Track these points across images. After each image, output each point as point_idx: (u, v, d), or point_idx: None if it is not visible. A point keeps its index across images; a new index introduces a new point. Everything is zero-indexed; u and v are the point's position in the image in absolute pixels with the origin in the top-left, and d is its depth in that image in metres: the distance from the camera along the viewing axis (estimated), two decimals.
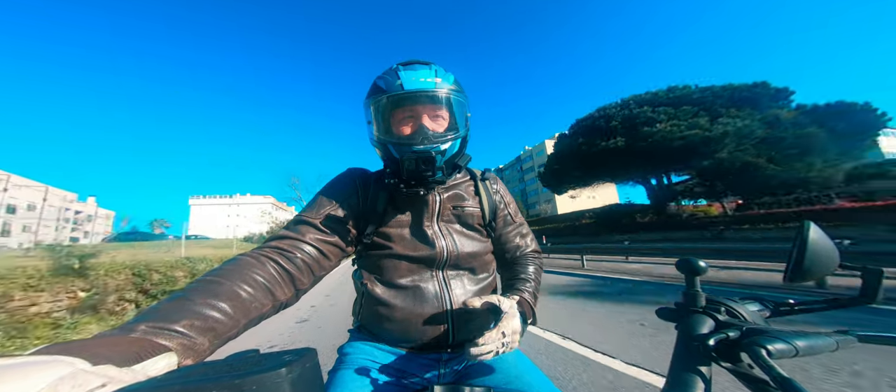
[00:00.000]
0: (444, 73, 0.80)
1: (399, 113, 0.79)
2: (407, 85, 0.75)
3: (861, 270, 0.50)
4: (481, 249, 0.87)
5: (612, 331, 3.55)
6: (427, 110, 0.78)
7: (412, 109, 0.78)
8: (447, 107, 0.81)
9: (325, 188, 0.83)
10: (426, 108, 0.78)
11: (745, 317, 0.50)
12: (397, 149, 0.76)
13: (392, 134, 0.79)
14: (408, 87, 0.75)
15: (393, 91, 0.76)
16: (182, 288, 0.53)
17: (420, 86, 0.76)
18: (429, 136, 0.76)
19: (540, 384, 0.72)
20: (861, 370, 2.27)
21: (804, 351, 0.37)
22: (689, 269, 0.49)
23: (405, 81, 0.76)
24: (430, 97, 0.77)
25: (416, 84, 0.76)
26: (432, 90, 0.77)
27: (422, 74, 0.77)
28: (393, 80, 0.77)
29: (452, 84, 0.80)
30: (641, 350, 2.88)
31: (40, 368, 0.25)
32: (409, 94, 0.76)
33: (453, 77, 0.82)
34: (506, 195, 0.97)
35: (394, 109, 0.79)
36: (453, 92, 0.80)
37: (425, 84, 0.76)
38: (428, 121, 0.78)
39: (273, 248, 0.68)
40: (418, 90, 0.76)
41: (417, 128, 0.78)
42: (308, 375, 0.26)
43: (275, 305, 0.63)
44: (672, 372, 0.43)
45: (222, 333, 0.50)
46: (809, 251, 0.49)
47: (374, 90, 0.79)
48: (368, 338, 0.83)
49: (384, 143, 0.78)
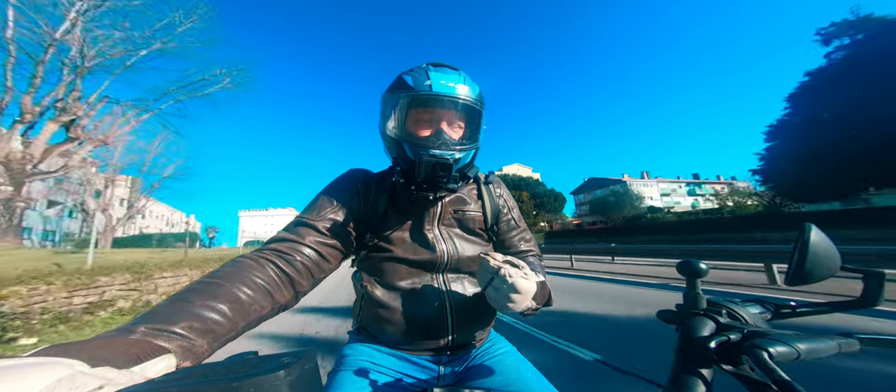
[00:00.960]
0: (471, 83, 0.80)
1: (420, 113, 0.78)
2: (435, 87, 0.75)
3: (862, 273, 0.50)
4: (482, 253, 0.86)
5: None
6: (448, 116, 0.78)
7: (434, 112, 0.77)
8: (468, 117, 0.80)
9: (325, 189, 0.82)
10: (448, 113, 0.78)
11: (747, 319, 0.50)
12: (413, 149, 0.75)
13: (409, 133, 0.77)
14: (436, 90, 0.75)
15: (420, 90, 0.75)
16: (181, 290, 0.53)
17: (448, 90, 0.75)
18: (446, 142, 0.75)
19: (540, 387, 0.72)
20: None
21: (806, 354, 0.37)
22: (689, 271, 0.49)
23: (434, 83, 0.75)
24: (455, 103, 0.77)
25: (445, 88, 0.75)
26: (459, 97, 0.76)
27: (451, 78, 0.77)
28: (422, 79, 0.76)
29: (477, 95, 0.80)
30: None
31: (38, 370, 0.25)
32: (435, 97, 0.75)
33: (479, 89, 0.82)
34: (509, 200, 0.97)
35: (415, 108, 0.77)
36: (477, 103, 0.80)
37: (453, 90, 0.76)
38: (446, 127, 0.77)
39: (272, 250, 0.68)
40: (445, 94, 0.75)
41: (436, 132, 0.76)
42: (307, 377, 0.26)
43: (274, 308, 0.63)
44: (673, 374, 0.43)
45: (221, 335, 0.50)
46: (811, 253, 0.49)
47: (400, 85, 0.78)
48: (368, 339, 0.82)
49: (399, 141, 0.77)
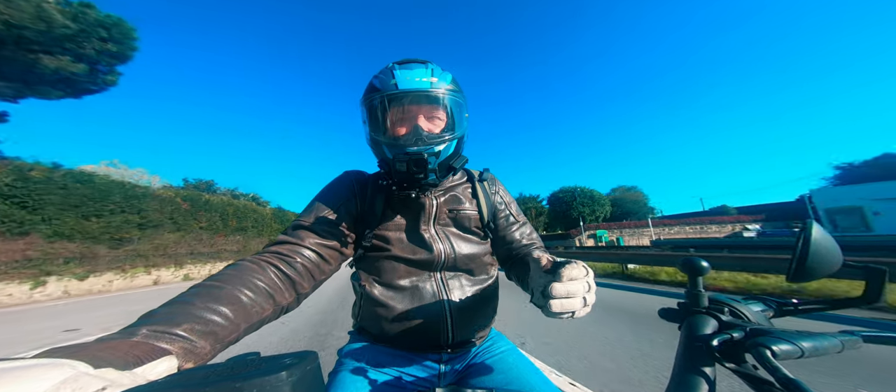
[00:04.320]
0: (440, 72, 0.79)
1: (395, 113, 0.77)
2: (401, 84, 0.74)
3: (864, 270, 0.50)
4: (480, 252, 0.86)
5: None
6: (423, 110, 0.77)
7: (407, 109, 0.77)
8: (444, 107, 0.79)
9: (322, 192, 0.83)
10: (422, 108, 0.77)
11: (749, 317, 0.49)
12: (390, 150, 0.75)
13: (387, 134, 0.77)
14: (402, 87, 0.74)
15: (387, 90, 0.75)
16: (183, 292, 0.53)
17: (415, 85, 0.75)
18: (423, 138, 0.75)
19: (541, 386, 0.71)
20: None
21: (809, 352, 0.37)
22: (691, 268, 0.49)
23: (400, 80, 0.75)
24: (426, 97, 0.76)
25: (412, 83, 0.75)
26: (427, 90, 0.76)
27: (417, 73, 0.76)
28: (387, 79, 0.76)
29: (450, 83, 0.79)
30: None
31: (42, 371, 0.25)
32: (403, 94, 0.75)
33: (451, 76, 0.81)
34: (505, 195, 0.97)
35: (389, 109, 0.77)
36: (450, 92, 0.79)
37: (420, 83, 0.75)
38: (423, 121, 0.77)
39: (273, 252, 0.68)
40: (413, 90, 0.75)
41: (412, 128, 0.76)
42: (309, 378, 0.26)
43: (275, 310, 0.63)
44: (675, 373, 0.42)
45: (223, 337, 0.50)
46: (813, 251, 0.49)
47: (369, 89, 0.79)
48: (368, 339, 0.83)
49: (378, 144, 0.77)
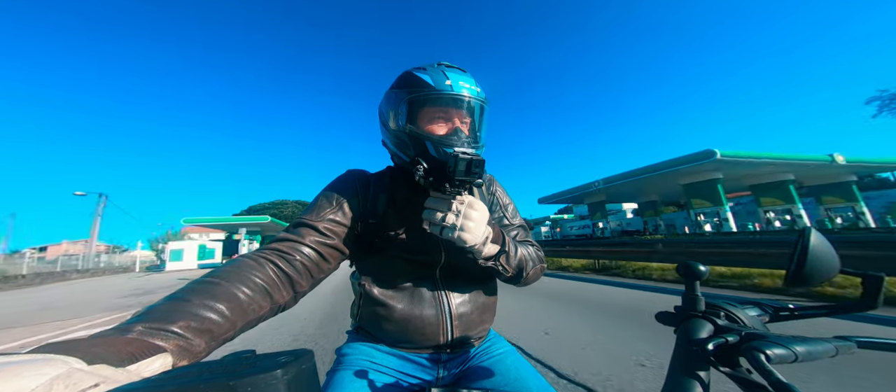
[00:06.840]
0: (478, 85, 0.82)
1: (434, 111, 0.77)
2: (455, 87, 0.76)
3: (862, 276, 0.50)
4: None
5: None
6: (461, 116, 0.79)
7: (448, 111, 0.78)
8: (478, 118, 0.82)
9: (325, 190, 0.82)
10: (461, 113, 0.78)
11: (745, 321, 0.50)
12: (438, 147, 0.73)
13: (427, 131, 0.77)
14: (456, 90, 0.75)
15: (441, 88, 0.75)
16: (179, 289, 0.53)
17: (467, 91, 0.77)
18: (464, 141, 0.76)
19: (539, 388, 0.72)
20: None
21: (803, 356, 0.37)
22: (689, 272, 0.49)
23: (454, 83, 0.76)
24: (469, 104, 0.78)
25: (464, 88, 0.76)
26: (475, 97, 0.78)
27: (466, 79, 0.78)
28: (440, 78, 0.76)
29: (484, 98, 0.82)
30: None
31: (35, 367, 0.25)
32: (455, 97, 0.76)
33: (484, 92, 0.84)
34: (503, 197, 0.98)
35: (429, 107, 0.77)
36: (486, 105, 0.82)
37: (471, 91, 0.77)
38: (460, 125, 0.79)
39: (272, 250, 0.68)
40: (464, 95, 0.76)
41: (453, 130, 0.77)
42: (304, 377, 0.26)
43: (273, 308, 0.63)
44: (670, 376, 0.43)
45: (218, 335, 0.50)
46: (810, 257, 0.49)
47: (418, 82, 0.77)
48: (367, 339, 0.82)
49: (418, 139, 0.75)
